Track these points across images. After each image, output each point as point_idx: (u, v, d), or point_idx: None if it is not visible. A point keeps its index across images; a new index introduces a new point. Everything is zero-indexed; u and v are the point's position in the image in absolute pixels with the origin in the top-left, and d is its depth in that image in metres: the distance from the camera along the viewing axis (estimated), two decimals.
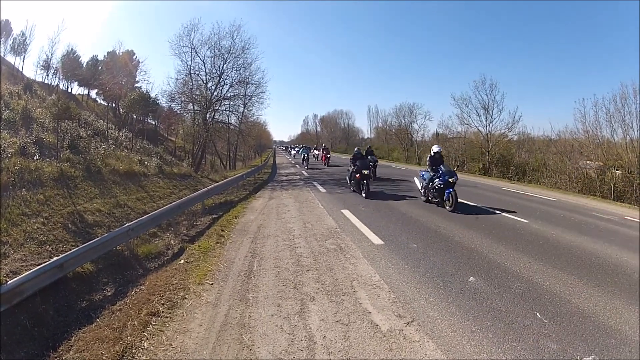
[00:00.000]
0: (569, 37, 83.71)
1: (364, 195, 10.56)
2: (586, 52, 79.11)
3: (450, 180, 8.52)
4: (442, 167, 8.85)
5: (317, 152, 35.55)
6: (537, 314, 3.45)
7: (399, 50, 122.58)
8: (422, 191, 9.72)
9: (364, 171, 10.78)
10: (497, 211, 8.80)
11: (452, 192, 8.48)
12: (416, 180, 10.54)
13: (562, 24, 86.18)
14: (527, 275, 4.50)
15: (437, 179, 8.86)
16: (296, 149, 54.66)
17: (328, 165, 26.06)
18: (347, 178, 12.54)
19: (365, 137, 67.20)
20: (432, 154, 9.50)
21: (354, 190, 11.59)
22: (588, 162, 18.40)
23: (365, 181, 10.67)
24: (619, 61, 66.43)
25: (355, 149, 12.90)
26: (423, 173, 9.95)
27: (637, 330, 3.16)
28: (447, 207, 8.53)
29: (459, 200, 8.97)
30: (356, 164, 11.20)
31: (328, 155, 27.46)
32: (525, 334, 3.08)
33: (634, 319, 3.38)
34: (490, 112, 27.87)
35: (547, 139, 25.20)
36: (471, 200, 10.36)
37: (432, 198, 9.23)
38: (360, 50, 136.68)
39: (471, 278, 4.35)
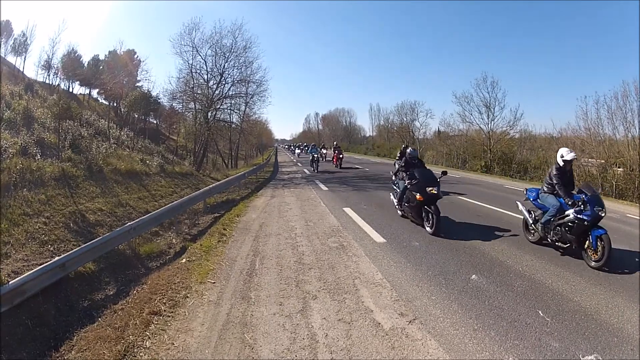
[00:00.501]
0: (571, 35, 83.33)
1: (430, 229, 6.24)
2: (588, 49, 78.83)
3: (600, 213, 4.81)
4: (586, 191, 5.01)
5: (325, 151, 32.26)
6: (540, 312, 3.43)
7: (401, 48, 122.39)
8: (539, 227, 5.59)
9: (430, 189, 6.33)
10: (499, 208, 8.77)
11: (603, 236, 4.68)
12: (520, 206, 6.32)
13: (564, 21, 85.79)
14: (529, 273, 4.48)
15: (574, 211, 4.95)
16: (301, 148, 48.88)
17: (341, 167, 22.34)
18: (393, 198, 8.00)
19: (367, 135, 67.32)
20: (561, 163, 5.41)
21: (403, 216, 7.41)
22: (590, 159, 18.32)
23: (433, 207, 6.28)
24: (621, 59, 66.18)
25: (409, 150, 7.80)
26: (533, 195, 5.94)
27: (638, 329, 3.15)
28: (592, 262, 4.73)
29: None
30: (415, 176, 6.62)
31: (341, 156, 23.22)
32: (528, 332, 3.06)
33: (636, 318, 3.36)
34: (492, 109, 27.88)
35: (549, 137, 25.10)
36: (477, 198, 10.34)
37: (555, 239, 5.30)
38: (361, 48, 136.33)
39: (473, 276, 4.34)
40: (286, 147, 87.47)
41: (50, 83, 27.84)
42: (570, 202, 5.06)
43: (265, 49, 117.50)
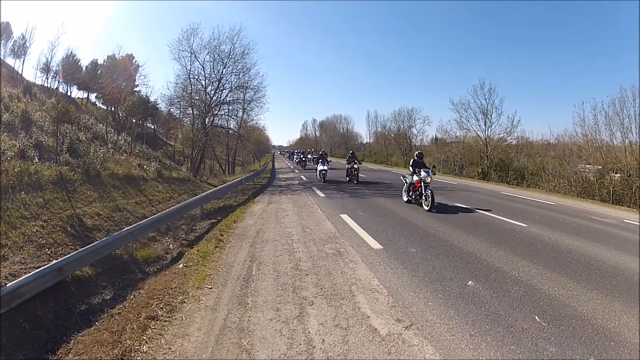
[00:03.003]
0: (569, 41, 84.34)
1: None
2: (585, 55, 79.75)
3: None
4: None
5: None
6: (536, 317, 3.45)
7: (399, 55, 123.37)
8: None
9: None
10: (496, 215, 8.81)
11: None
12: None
13: (562, 27, 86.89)
14: (526, 279, 4.50)
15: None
16: (321, 158, 19.16)
17: None
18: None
19: (364, 142, 67.52)
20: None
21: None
22: (587, 165, 18.40)
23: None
24: (619, 64, 66.97)
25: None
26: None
27: (636, 333, 3.17)
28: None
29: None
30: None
31: None
32: (524, 338, 3.08)
33: (633, 322, 3.38)
34: (489, 116, 28.04)
35: (546, 143, 25.28)
36: (474, 205, 10.37)
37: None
38: (360, 54, 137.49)
39: (470, 282, 4.35)
40: (286, 154, 75.86)
41: (49, 86, 27.93)
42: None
43: (264, 54, 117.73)
